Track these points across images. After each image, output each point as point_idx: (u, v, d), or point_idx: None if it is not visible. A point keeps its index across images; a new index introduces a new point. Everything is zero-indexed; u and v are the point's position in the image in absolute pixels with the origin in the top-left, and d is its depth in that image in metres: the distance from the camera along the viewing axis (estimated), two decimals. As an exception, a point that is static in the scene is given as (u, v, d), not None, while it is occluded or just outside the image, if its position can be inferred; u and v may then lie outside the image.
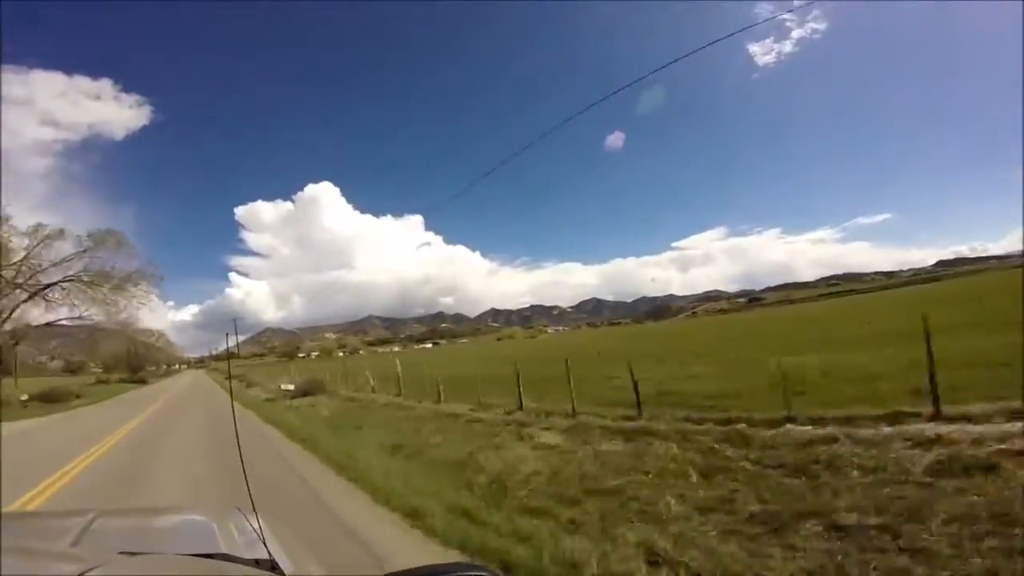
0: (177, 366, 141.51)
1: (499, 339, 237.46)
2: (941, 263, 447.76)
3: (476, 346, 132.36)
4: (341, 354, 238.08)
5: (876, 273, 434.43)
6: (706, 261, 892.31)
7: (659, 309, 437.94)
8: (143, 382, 57.44)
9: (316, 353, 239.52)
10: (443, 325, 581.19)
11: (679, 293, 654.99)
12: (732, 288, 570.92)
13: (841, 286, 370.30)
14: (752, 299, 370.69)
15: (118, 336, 68.20)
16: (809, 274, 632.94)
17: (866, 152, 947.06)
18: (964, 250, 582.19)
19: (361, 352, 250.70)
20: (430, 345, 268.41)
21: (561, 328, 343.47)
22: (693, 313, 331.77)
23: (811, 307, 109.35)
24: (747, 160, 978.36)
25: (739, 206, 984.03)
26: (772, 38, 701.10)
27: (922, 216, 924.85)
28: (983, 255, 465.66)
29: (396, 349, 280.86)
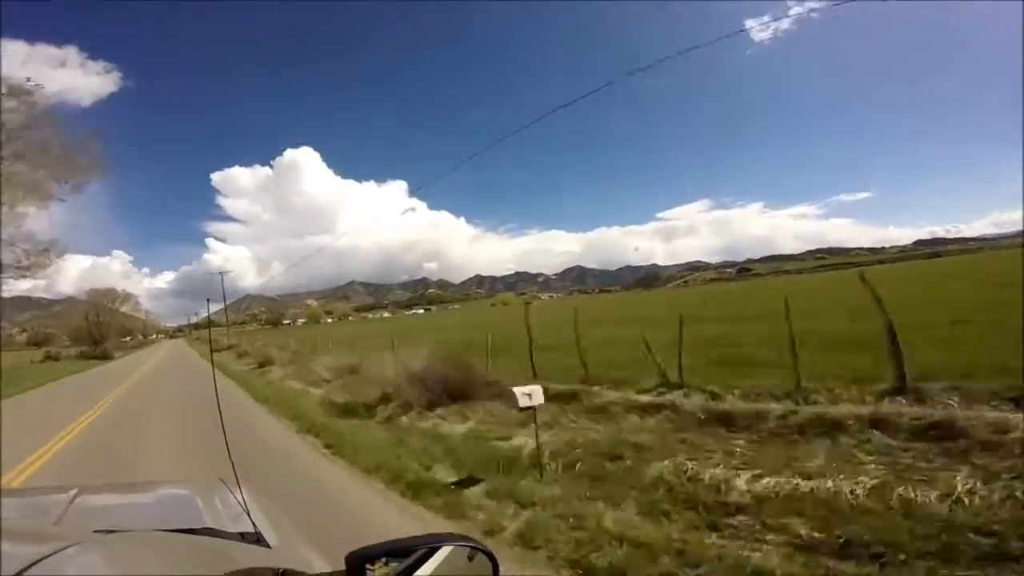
0: (155, 336, 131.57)
1: (493, 304, 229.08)
2: (920, 243, 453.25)
3: (480, 312, 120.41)
4: (330, 320, 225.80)
5: (860, 249, 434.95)
6: (689, 232, 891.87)
7: (648, 278, 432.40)
8: (106, 358, 45.42)
9: (303, 320, 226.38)
10: (430, 291, 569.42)
11: (662, 263, 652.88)
12: (715, 259, 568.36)
13: (828, 260, 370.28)
14: (741, 270, 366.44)
15: (85, 305, 57.27)
16: (790, 247, 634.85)
17: (850, 131, 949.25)
18: (939, 231, 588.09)
19: (350, 318, 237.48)
20: (422, 311, 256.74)
21: (553, 295, 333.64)
22: (684, 282, 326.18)
23: (811, 279, 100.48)
24: (735, 134, 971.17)
25: (724, 179, 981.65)
26: (770, 15, 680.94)
27: (901, 196, 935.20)
28: (957, 236, 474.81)
29: (386, 315, 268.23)
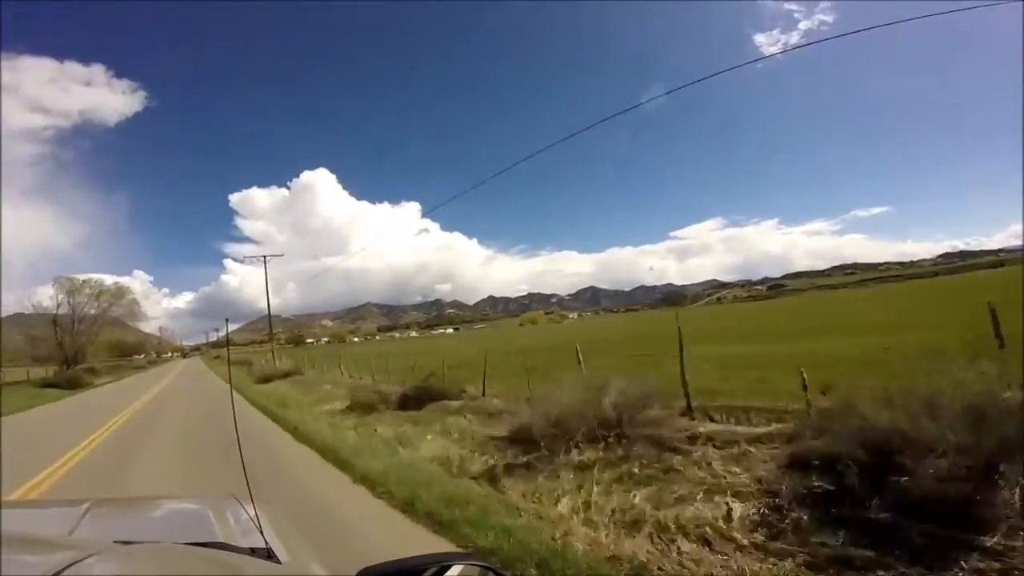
0: (169, 354, 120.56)
1: (521, 324, 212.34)
2: (947, 255, 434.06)
3: (519, 331, 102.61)
4: (356, 340, 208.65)
5: (889, 264, 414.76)
6: (703, 251, 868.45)
7: (674, 296, 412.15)
8: (75, 386, 27.45)
9: (326, 339, 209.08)
10: (450, 311, 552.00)
11: (677, 282, 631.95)
12: (729, 278, 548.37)
13: (858, 275, 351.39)
14: (773, 286, 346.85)
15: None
16: (805, 264, 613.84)
17: (864, 145, 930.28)
18: (960, 244, 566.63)
19: (376, 337, 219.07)
20: (451, 331, 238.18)
21: (583, 314, 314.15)
22: (718, 300, 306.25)
23: (857, 292, 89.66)
24: (746, 151, 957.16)
25: (737, 196, 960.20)
26: (779, 28, 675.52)
27: (917, 210, 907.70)
28: (978, 250, 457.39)
29: (413, 335, 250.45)
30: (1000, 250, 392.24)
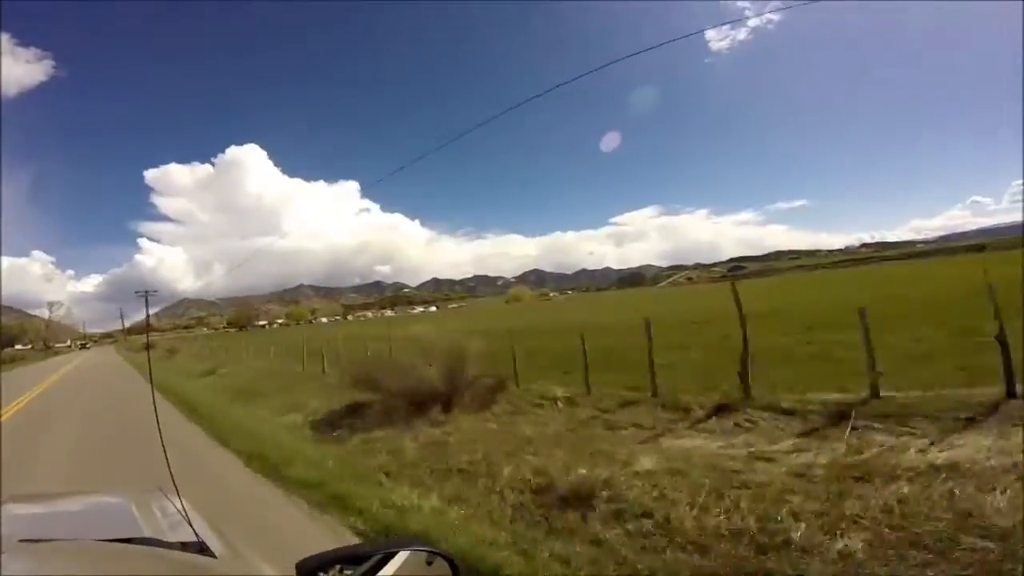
0: (69, 343, 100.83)
1: (507, 302, 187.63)
2: (865, 245, 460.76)
3: (516, 310, 79.79)
4: (325, 320, 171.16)
5: (831, 251, 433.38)
6: (639, 237, 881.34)
7: (635, 278, 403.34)
8: None
9: (281, 320, 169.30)
10: (403, 290, 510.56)
11: (615, 266, 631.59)
12: (663, 263, 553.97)
13: (802, 260, 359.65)
14: (732, 269, 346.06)
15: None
16: (732, 252, 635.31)
17: (788, 140, 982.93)
18: (865, 237, 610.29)
19: (339, 318, 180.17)
20: (434, 309, 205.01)
21: (564, 293, 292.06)
22: (689, 279, 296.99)
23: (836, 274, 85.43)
24: (683, 141, 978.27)
25: (672, 186, 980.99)
26: (729, 24, 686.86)
27: (830, 205, 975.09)
28: (881, 241, 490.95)
29: (389, 313, 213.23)
30: (903, 242, 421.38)
